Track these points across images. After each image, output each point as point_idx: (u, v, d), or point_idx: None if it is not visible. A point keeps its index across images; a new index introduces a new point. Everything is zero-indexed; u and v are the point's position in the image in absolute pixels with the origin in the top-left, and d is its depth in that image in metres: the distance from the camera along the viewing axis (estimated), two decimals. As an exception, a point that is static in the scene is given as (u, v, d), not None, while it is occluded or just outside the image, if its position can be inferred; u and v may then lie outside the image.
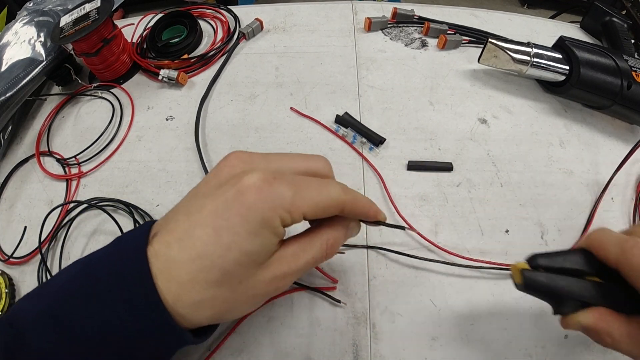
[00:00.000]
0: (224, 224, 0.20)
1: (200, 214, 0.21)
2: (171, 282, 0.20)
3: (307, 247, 0.24)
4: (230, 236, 0.20)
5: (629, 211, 0.40)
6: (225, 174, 0.23)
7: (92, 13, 0.44)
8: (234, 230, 0.20)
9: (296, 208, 0.21)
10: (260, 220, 0.21)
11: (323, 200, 0.22)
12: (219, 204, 0.21)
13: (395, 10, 0.53)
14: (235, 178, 0.22)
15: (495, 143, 0.43)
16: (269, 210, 0.21)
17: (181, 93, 0.48)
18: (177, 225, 0.22)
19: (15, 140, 0.47)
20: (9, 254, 0.39)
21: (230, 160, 0.24)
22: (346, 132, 0.43)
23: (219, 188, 0.22)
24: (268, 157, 0.25)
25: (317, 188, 0.23)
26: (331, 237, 0.25)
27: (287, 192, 0.21)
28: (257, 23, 0.53)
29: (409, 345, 0.32)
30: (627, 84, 0.41)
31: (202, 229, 0.21)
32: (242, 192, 0.21)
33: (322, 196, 0.22)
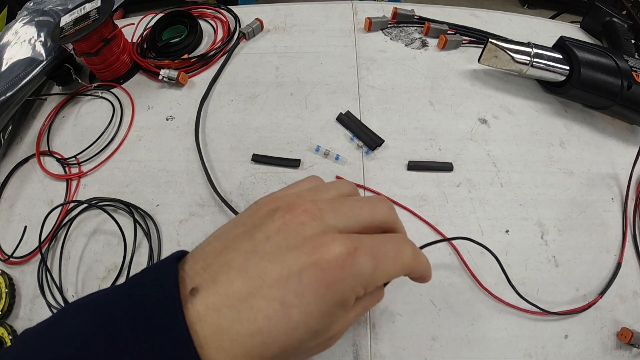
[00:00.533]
0: (296, 302, 0.17)
1: (263, 280, 0.18)
2: (221, 354, 0.17)
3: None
4: (300, 315, 0.17)
5: (629, 211, 0.39)
6: (292, 230, 0.19)
7: (92, 13, 0.44)
8: (307, 310, 0.18)
9: (374, 283, 0.20)
10: (338, 300, 0.18)
11: (397, 270, 0.21)
12: (290, 274, 0.18)
13: (396, 10, 0.53)
14: (309, 243, 0.19)
15: (496, 143, 0.43)
16: (348, 290, 0.18)
17: (181, 93, 0.48)
18: (231, 288, 0.18)
19: (16, 140, 0.47)
20: (9, 254, 0.39)
21: (296, 211, 0.20)
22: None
23: (287, 250, 0.18)
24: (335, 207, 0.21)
25: (394, 257, 0.20)
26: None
27: (369, 266, 0.19)
28: (257, 23, 0.53)
29: (409, 345, 0.32)
30: (628, 84, 0.41)
31: (267, 301, 0.17)
32: (322, 267, 0.18)
33: (397, 266, 0.21)
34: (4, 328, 0.34)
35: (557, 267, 0.36)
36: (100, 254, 0.38)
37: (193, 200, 0.40)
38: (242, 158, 0.43)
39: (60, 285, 0.37)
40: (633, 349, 0.33)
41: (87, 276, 0.37)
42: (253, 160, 0.42)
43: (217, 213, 0.39)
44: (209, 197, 0.40)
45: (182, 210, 0.40)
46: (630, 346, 0.33)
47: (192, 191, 0.41)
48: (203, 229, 0.38)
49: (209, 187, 0.40)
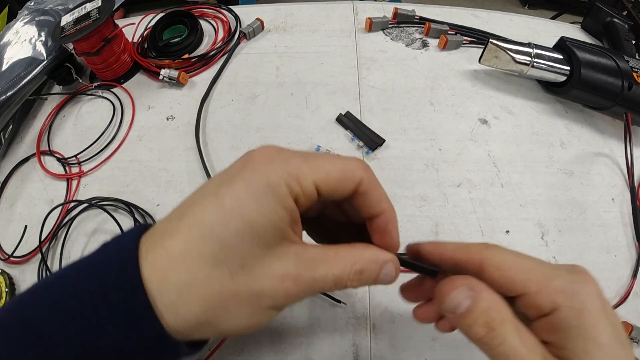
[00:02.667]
0: (227, 191, 0.18)
1: (204, 188, 0.19)
2: (159, 258, 0.18)
3: (330, 259, 0.20)
4: (232, 201, 0.18)
5: (629, 212, 0.39)
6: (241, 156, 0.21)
7: (93, 12, 0.44)
8: (237, 196, 0.18)
9: (304, 175, 0.19)
10: (265, 183, 0.18)
11: (337, 170, 0.20)
12: (225, 176, 0.19)
13: (396, 10, 0.53)
14: (245, 154, 0.20)
15: (496, 143, 0.43)
16: (274, 174, 0.18)
17: (182, 93, 0.48)
18: (183, 202, 0.20)
19: (16, 140, 0.47)
20: (9, 253, 0.39)
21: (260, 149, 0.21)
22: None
23: (229, 167, 0.20)
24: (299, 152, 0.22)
25: (330, 158, 0.20)
26: (360, 262, 0.20)
27: (295, 158, 0.19)
28: (258, 23, 0.53)
29: (409, 346, 0.32)
30: (628, 85, 0.41)
31: (204, 197, 0.19)
32: (249, 159, 0.19)
33: (336, 166, 0.20)
34: (4, 327, 0.34)
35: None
36: (100, 253, 0.38)
37: (193, 200, 0.40)
38: (243, 158, 0.42)
39: (60, 285, 0.37)
40: (633, 343, 0.33)
41: (88, 276, 0.37)
42: (253, 160, 0.42)
43: (217, 213, 0.39)
44: (209, 197, 0.40)
45: (182, 210, 0.40)
46: (630, 340, 0.33)
47: (192, 191, 0.41)
48: (203, 229, 0.38)
49: (209, 187, 0.40)
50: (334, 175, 0.20)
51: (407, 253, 0.24)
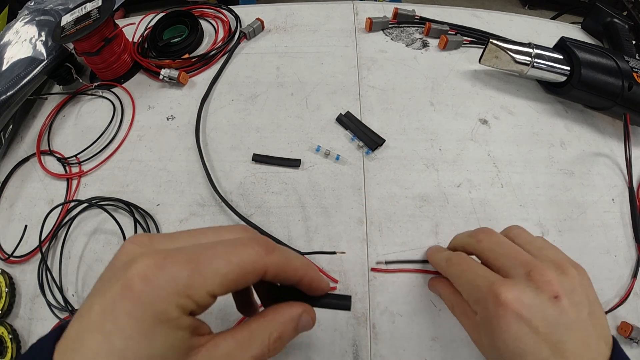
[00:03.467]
0: (113, 328, 0.16)
1: (88, 316, 0.17)
2: None
3: (245, 343, 0.19)
4: (122, 341, 0.16)
5: (629, 212, 0.39)
6: (119, 263, 0.19)
7: (93, 12, 0.44)
8: (126, 334, 0.16)
9: (196, 289, 0.17)
10: (152, 315, 0.17)
11: (233, 269, 0.18)
12: (106, 302, 0.17)
13: (396, 10, 0.53)
14: (123, 268, 0.18)
15: (496, 144, 0.43)
16: (160, 301, 0.17)
17: (182, 93, 0.48)
18: (70, 331, 0.18)
19: (16, 139, 0.47)
20: (9, 253, 0.39)
21: (126, 247, 0.20)
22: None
23: (108, 282, 0.18)
24: (172, 237, 0.20)
25: (224, 255, 0.18)
26: (277, 329, 0.20)
27: (182, 271, 0.17)
28: (258, 23, 0.53)
29: (409, 346, 0.32)
30: (628, 85, 0.41)
31: (92, 335, 0.17)
32: (128, 285, 0.17)
33: (232, 265, 0.18)
34: (3, 327, 0.34)
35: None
36: (100, 253, 0.38)
37: (193, 200, 0.40)
38: (243, 158, 0.43)
39: (60, 285, 0.37)
40: (633, 343, 0.33)
41: (88, 275, 0.37)
42: (253, 160, 0.42)
43: (217, 213, 0.39)
44: (210, 197, 0.40)
45: (182, 210, 0.40)
46: (630, 340, 0.33)
47: (192, 191, 0.41)
48: (203, 229, 0.38)
49: (209, 186, 0.40)
50: (231, 278, 0.18)
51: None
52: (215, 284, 0.18)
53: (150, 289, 0.17)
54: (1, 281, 0.36)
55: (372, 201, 0.39)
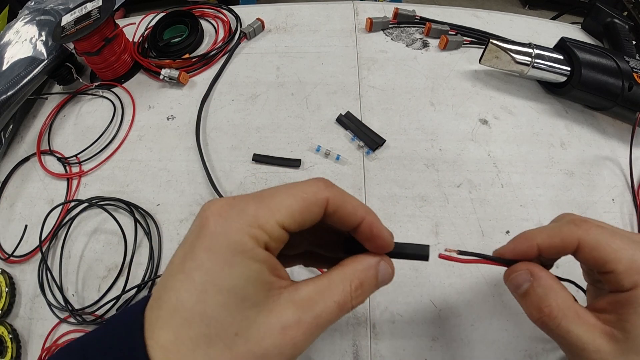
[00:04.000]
0: (192, 265, 0.17)
1: (172, 263, 0.18)
2: (156, 349, 0.16)
3: (326, 290, 0.19)
4: (201, 275, 0.17)
5: (629, 212, 0.39)
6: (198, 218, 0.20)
7: (93, 12, 0.44)
8: (204, 268, 0.17)
9: (265, 219, 0.18)
10: (227, 247, 0.17)
11: (297, 201, 0.19)
12: (186, 246, 0.18)
13: (397, 10, 0.53)
14: (199, 215, 0.19)
15: (496, 144, 0.43)
16: (234, 232, 0.17)
17: (182, 92, 0.48)
18: (157, 284, 0.19)
19: (16, 139, 0.47)
20: (9, 253, 0.39)
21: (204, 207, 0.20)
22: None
23: (189, 233, 0.19)
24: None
25: (287, 190, 0.19)
26: (357, 277, 0.20)
27: (250, 205, 0.18)
28: (258, 23, 0.53)
29: (409, 346, 0.32)
30: (628, 85, 0.41)
31: (174, 277, 0.18)
32: (203, 224, 0.18)
33: (294, 197, 0.19)
34: (4, 327, 0.34)
35: (558, 268, 0.36)
36: (100, 253, 0.38)
37: (194, 200, 0.40)
38: (243, 158, 0.43)
39: (60, 284, 0.37)
40: None
41: (88, 275, 0.37)
42: (254, 160, 0.42)
43: (217, 213, 0.39)
44: (210, 197, 0.40)
45: (182, 210, 0.40)
46: None
47: (192, 191, 0.41)
48: (203, 229, 0.38)
49: (209, 186, 0.40)
50: (296, 208, 0.19)
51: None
52: (282, 214, 0.18)
53: (223, 221, 0.18)
54: (1, 281, 0.36)
55: (372, 201, 0.39)
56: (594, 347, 0.21)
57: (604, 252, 0.21)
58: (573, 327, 0.21)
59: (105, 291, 0.36)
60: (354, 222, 0.21)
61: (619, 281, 0.21)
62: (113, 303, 0.35)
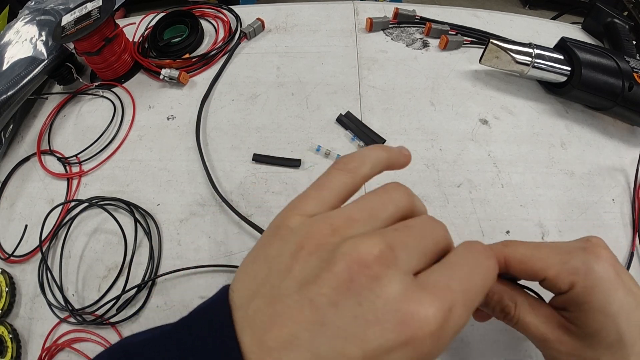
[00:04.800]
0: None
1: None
2: None
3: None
4: None
5: (629, 213, 0.39)
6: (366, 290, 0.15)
7: (93, 12, 0.44)
8: None
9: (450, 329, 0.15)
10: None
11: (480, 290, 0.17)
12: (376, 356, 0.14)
13: (397, 10, 0.53)
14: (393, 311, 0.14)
15: (497, 144, 0.43)
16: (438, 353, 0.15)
17: (182, 92, 0.48)
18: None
19: (17, 139, 0.47)
20: (9, 253, 0.39)
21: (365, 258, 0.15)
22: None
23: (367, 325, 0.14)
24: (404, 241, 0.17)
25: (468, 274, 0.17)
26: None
27: (463, 320, 0.16)
28: (258, 23, 0.53)
29: (409, 346, 0.32)
30: (629, 86, 0.41)
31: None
32: (415, 346, 0.14)
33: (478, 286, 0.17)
34: (4, 327, 0.34)
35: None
36: (100, 253, 0.38)
37: (194, 200, 0.40)
38: (243, 158, 0.43)
39: (60, 284, 0.37)
40: None
41: (88, 275, 0.37)
42: (254, 160, 0.42)
43: (217, 212, 0.39)
44: (210, 197, 0.40)
45: (182, 210, 0.40)
46: None
47: (192, 191, 0.41)
48: (204, 229, 0.38)
49: (209, 186, 0.40)
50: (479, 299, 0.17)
51: None
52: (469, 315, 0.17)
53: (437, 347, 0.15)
54: (1, 281, 0.36)
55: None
56: (554, 336, 0.23)
57: (532, 263, 0.23)
58: (530, 318, 0.23)
59: (105, 291, 0.36)
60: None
61: (556, 285, 0.23)
62: (113, 303, 0.35)
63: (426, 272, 0.17)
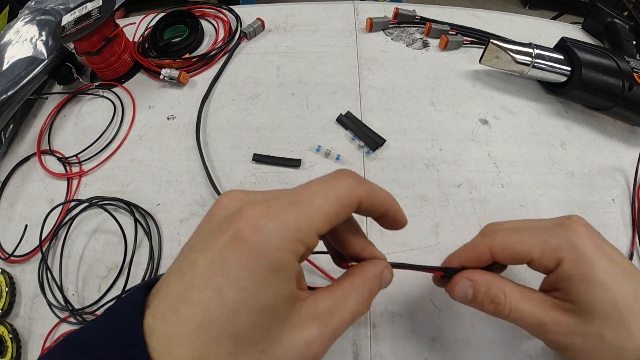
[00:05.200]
0: (225, 281, 0.16)
1: (193, 272, 0.17)
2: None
3: (341, 301, 0.20)
4: (235, 294, 0.16)
5: (629, 213, 0.39)
6: (217, 217, 0.19)
7: (93, 12, 0.44)
8: (239, 286, 0.16)
9: (305, 232, 0.17)
10: (267, 264, 0.16)
11: (334, 205, 0.18)
12: (214, 256, 0.17)
13: (397, 10, 0.53)
14: (227, 221, 0.18)
15: (497, 144, 0.43)
16: (274, 249, 0.17)
17: (182, 92, 0.48)
18: (170, 290, 0.17)
19: (17, 139, 0.47)
20: (9, 252, 0.39)
21: (222, 202, 0.19)
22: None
23: (210, 236, 0.18)
24: (264, 191, 0.20)
25: (322, 191, 0.18)
26: (367, 287, 0.21)
27: (289, 216, 0.17)
28: (258, 23, 0.53)
29: (408, 346, 0.32)
30: (629, 86, 0.41)
31: (200, 291, 0.16)
32: (237, 236, 0.17)
33: (331, 200, 0.18)
34: (4, 327, 0.34)
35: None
36: (100, 253, 0.38)
37: (194, 200, 0.40)
38: (243, 158, 0.43)
39: (60, 284, 0.37)
40: None
41: (88, 275, 0.37)
42: (254, 159, 0.42)
43: (217, 212, 0.39)
44: (210, 197, 0.40)
45: (182, 210, 0.40)
46: None
47: (192, 190, 0.41)
48: (203, 229, 0.38)
49: (209, 186, 0.40)
50: (333, 213, 0.18)
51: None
52: (321, 223, 0.18)
53: (263, 237, 0.17)
54: (1, 281, 0.36)
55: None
56: (551, 318, 0.22)
57: (514, 249, 0.24)
58: (523, 306, 0.23)
59: (105, 291, 0.36)
60: (380, 213, 0.22)
61: (543, 265, 0.23)
62: (113, 303, 0.35)
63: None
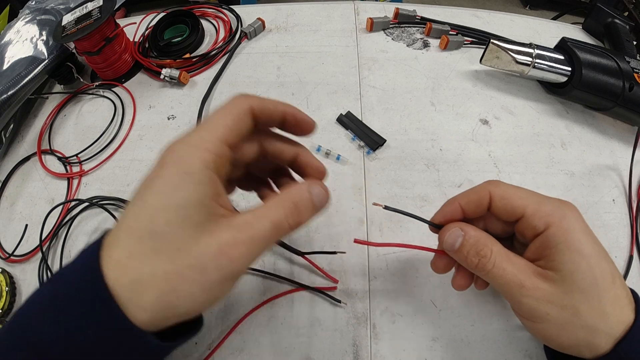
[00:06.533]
0: (148, 191, 0.20)
1: (133, 197, 0.21)
2: (110, 263, 0.19)
3: (263, 213, 0.21)
4: (154, 198, 0.19)
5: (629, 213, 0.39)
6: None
7: (94, 12, 0.44)
8: (157, 191, 0.20)
9: (209, 140, 0.21)
10: (177, 171, 0.20)
11: (228, 116, 0.22)
12: (145, 181, 0.21)
13: (397, 10, 0.53)
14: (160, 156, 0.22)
15: (497, 144, 0.43)
16: (183, 158, 0.20)
17: (183, 92, 0.48)
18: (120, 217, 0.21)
19: (17, 139, 0.47)
20: (9, 252, 0.39)
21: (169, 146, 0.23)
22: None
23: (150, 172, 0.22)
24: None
25: (220, 110, 0.22)
26: (290, 198, 0.22)
27: (196, 134, 0.21)
28: (259, 23, 0.53)
29: (409, 346, 0.32)
30: (629, 86, 0.41)
31: (132, 205, 0.20)
32: (161, 162, 0.21)
33: (225, 113, 0.22)
34: (4, 326, 0.34)
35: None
36: (101, 252, 0.38)
37: (194, 200, 0.40)
38: (243, 157, 0.42)
39: (61, 284, 0.37)
40: None
41: (88, 275, 0.37)
42: (254, 159, 0.42)
43: (218, 212, 0.39)
44: (210, 197, 0.40)
45: (183, 210, 0.40)
46: None
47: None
48: (204, 228, 0.38)
49: (210, 186, 0.40)
50: (230, 122, 0.22)
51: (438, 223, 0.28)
52: (220, 131, 0.21)
53: (175, 155, 0.20)
54: (2, 280, 0.36)
55: (372, 201, 0.39)
56: (532, 284, 0.23)
57: (512, 199, 0.25)
58: (507, 265, 0.24)
59: (105, 291, 0.36)
60: (279, 117, 0.25)
61: (532, 224, 0.24)
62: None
63: None
